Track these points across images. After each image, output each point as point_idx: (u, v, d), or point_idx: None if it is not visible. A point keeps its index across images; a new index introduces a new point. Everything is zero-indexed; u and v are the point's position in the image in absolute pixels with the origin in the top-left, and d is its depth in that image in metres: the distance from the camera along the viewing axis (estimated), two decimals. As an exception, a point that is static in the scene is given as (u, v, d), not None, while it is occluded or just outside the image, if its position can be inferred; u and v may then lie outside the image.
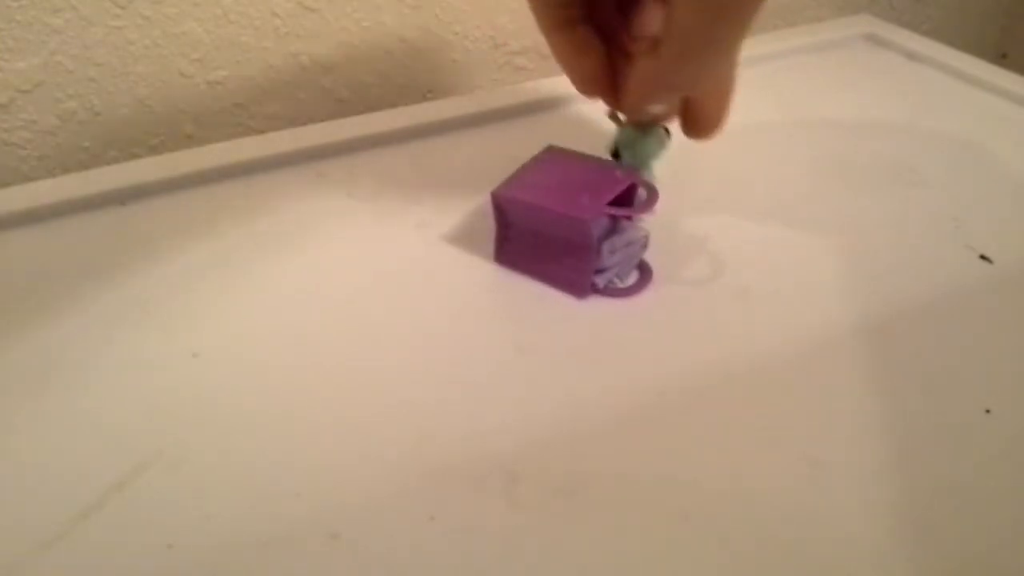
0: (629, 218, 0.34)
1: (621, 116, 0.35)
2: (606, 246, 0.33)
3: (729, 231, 0.38)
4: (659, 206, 0.33)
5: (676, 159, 0.35)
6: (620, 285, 0.35)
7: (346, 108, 0.53)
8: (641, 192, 0.34)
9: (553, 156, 0.36)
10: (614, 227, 0.34)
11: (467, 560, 0.24)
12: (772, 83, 0.52)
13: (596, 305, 0.34)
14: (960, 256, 0.37)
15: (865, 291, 0.35)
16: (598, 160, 0.35)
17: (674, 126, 0.35)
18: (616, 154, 0.35)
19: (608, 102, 0.34)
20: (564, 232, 0.34)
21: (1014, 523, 0.25)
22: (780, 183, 0.42)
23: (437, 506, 0.26)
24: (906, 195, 0.41)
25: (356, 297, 0.35)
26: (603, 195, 0.33)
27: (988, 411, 0.29)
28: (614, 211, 0.33)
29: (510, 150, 0.34)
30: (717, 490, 0.26)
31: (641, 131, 0.34)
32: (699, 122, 0.34)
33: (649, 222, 0.35)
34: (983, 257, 0.36)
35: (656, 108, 0.33)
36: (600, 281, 0.34)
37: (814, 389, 0.30)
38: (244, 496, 0.26)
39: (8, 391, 0.30)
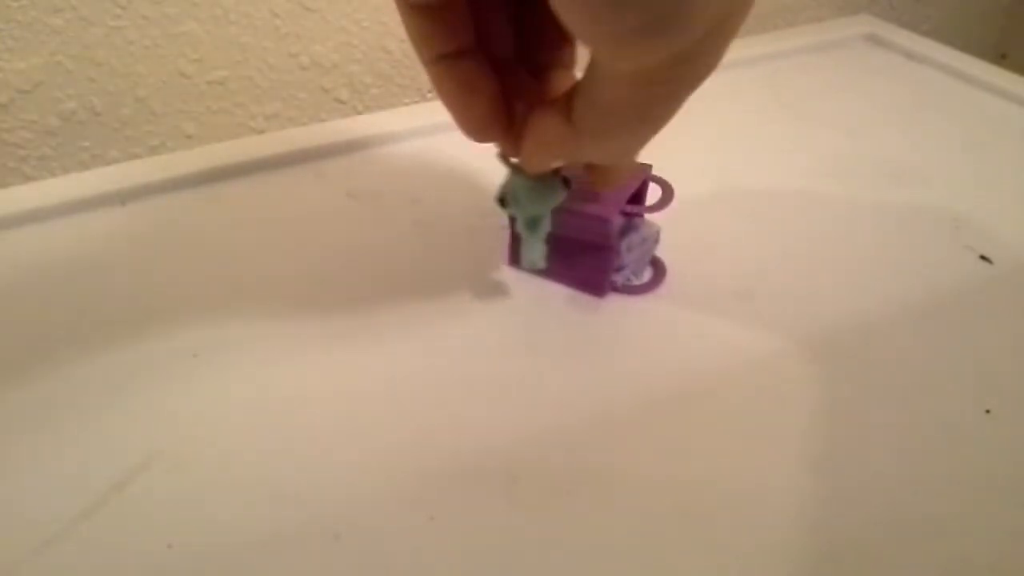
0: (641, 215, 0.34)
1: (513, 159, 0.29)
2: (624, 244, 0.34)
3: (730, 230, 0.38)
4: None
5: (676, 158, 0.35)
6: (636, 282, 0.35)
7: (346, 108, 0.53)
8: (655, 188, 0.34)
9: None
10: (630, 224, 0.34)
11: (467, 560, 0.24)
12: (772, 83, 0.51)
13: (597, 304, 0.34)
14: (960, 256, 0.37)
15: (865, 291, 0.35)
16: None
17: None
18: (503, 202, 0.30)
19: (502, 146, 0.28)
20: (583, 232, 0.33)
21: (1014, 523, 0.25)
22: (780, 183, 0.42)
23: (437, 506, 0.26)
24: (906, 195, 0.41)
25: (356, 297, 0.35)
26: (620, 193, 0.33)
27: (988, 411, 0.29)
28: (634, 209, 0.33)
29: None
30: (718, 490, 0.26)
31: (534, 181, 0.29)
32: (607, 178, 0.28)
33: (657, 220, 0.35)
34: (983, 257, 0.36)
35: (556, 162, 0.28)
36: (618, 279, 0.34)
37: (815, 388, 0.30)
38: (244, 496, 0.26)
39: (8, 391, 0.30)
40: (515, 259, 0.36)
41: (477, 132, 0.27)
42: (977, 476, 0.27)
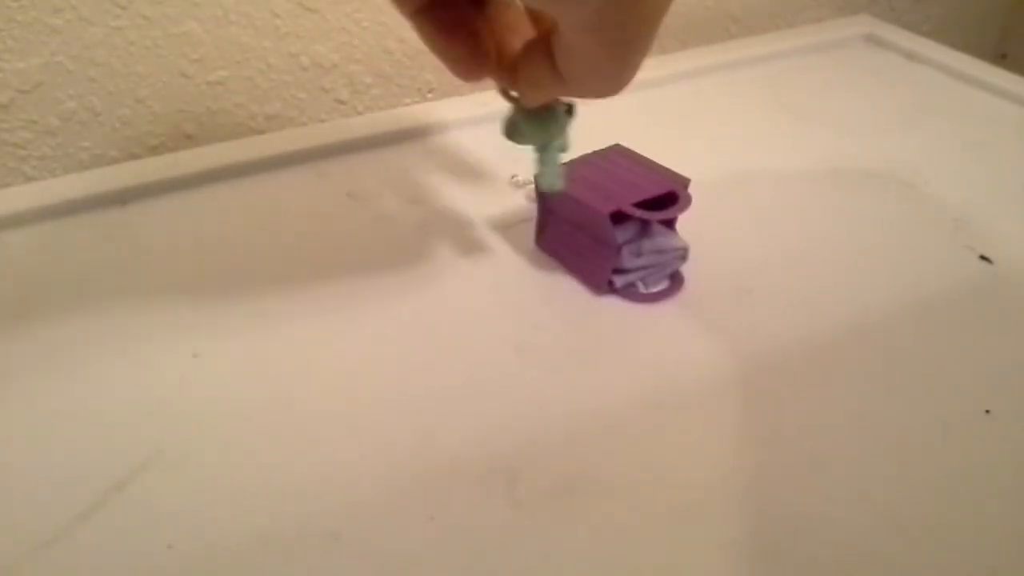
0: (667, 222, 0.34)
1: (513, 93, 0.29)
2: (631, 248, 0.33)
3: (729, 230, 0.38)
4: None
5: (675, 157, 0.35)
6: (643, 290, 0.34)
7: (346, 108, 0.53)
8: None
9: (614, 154, 0.36)
10: (646, 231, 0.33)
11: (467, 560, 0.24)
12: (772, 83, 0.51)
13: (603, 306, 0.34)
14: (960, 256, 0.37)
15: (865, 291, 0.35)
16: (656, 165, 0.35)
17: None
18: (513, 135, 0.30)
19: (496, 81, 0.28)
20: (589, 225, 0.33)
21: (1014, 523, 0.25)
22: (780, 183, 0.42)
23: (437, 506, 0.26)
24: (906, 195, 0.41)
25: (355, 297, 0.35)
26: (634, 195, 0.32)
27: (988, 411, 0.29)
28: (633, 211, 0.32)
29: (511, 150, 0.34)
30: (717, 490, 0.26)
31: (536, 113, 0.29)
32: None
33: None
34: (983, 257, 0.36)
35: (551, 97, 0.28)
36: (619, 281, 0.34)
37: (814, 389, 0.30)
38: (244, 496, 0.26)
39: (9, 391, 0.30)
40: (541, 241, 0.36)
41: (464, 74, 0.27)
42: (977, 476, 0.27)
